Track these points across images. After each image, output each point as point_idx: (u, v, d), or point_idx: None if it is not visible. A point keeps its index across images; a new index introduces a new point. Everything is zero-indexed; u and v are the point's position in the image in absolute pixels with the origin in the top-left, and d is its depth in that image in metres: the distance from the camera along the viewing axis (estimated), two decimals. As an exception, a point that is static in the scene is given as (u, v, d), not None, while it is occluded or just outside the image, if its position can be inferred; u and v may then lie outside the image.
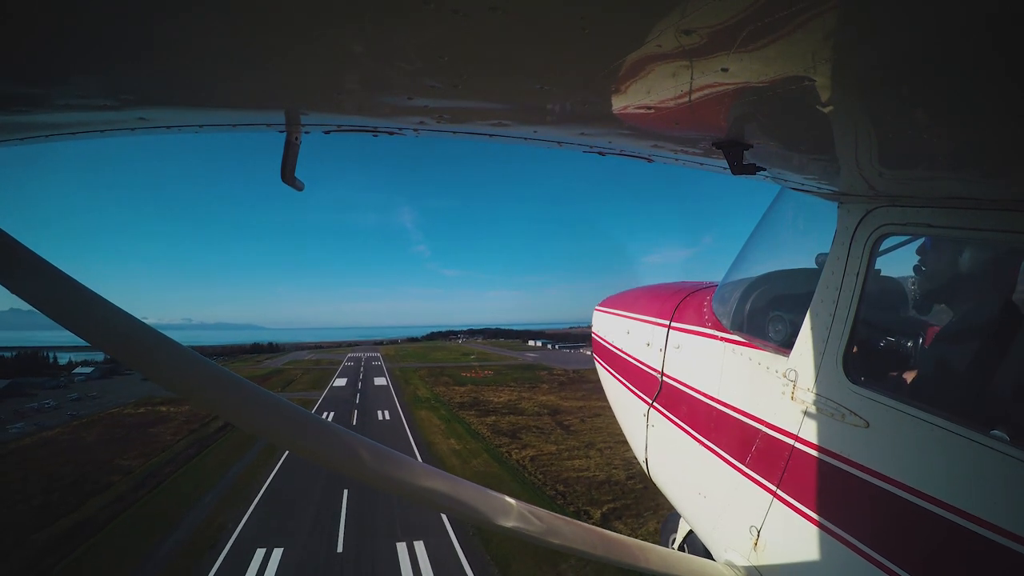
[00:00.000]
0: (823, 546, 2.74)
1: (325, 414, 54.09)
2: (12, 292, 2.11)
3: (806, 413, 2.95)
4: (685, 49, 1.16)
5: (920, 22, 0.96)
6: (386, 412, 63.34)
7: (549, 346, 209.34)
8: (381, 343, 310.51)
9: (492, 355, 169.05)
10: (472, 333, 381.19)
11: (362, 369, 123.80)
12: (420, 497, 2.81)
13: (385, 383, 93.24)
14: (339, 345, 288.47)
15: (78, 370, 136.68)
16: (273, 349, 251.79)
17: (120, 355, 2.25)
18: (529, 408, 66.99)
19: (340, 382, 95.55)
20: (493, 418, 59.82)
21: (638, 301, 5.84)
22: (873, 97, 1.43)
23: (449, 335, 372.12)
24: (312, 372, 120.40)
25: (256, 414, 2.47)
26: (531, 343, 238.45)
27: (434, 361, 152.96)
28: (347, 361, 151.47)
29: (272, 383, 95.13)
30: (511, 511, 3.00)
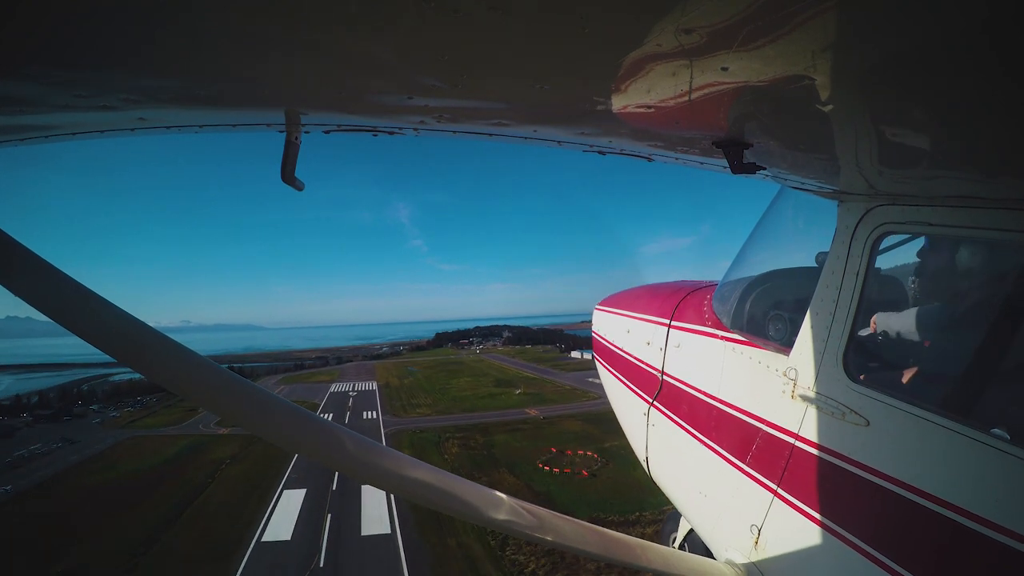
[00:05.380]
0: (824, 544, 2.74)
1: None
2: (12, 292, 2.11)
3: (807, 412, 2.95)
4: (685, 48, 1.16)
5: (919, 22, 0.96)
6: None
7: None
8: (380, 354, 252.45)
9: (544, 385, 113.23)
10: (485, 334, 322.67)
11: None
12: (409, 491, 2.80)
13: (385, 525, 46.00)
14: (326, 361, 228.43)
15: None
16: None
17: (120, 355, 2.25)
18: None
19: (287, 507, 52.01)
20: None
21: (638, 300, 5.85)
22: (873, 96, 1.43)
23: (460, 338, 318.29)
24: (249, 457, 69.90)
25: (253, 411, 2.48)
26: (575, 355, 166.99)
27: (461, 401, 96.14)
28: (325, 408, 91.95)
29: (167, 491, 58.00)
30: (515, 511, 3.01)
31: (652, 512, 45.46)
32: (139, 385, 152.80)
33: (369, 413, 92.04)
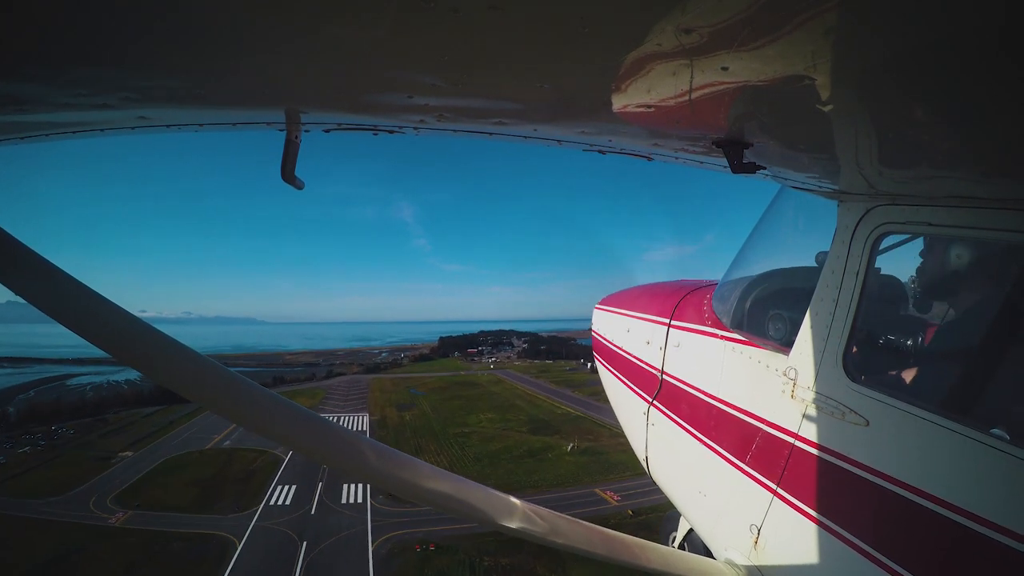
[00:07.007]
0: (823, 544, 2.74)
1: None
2: (12, 291, 2.12)
3: (806, 411, 2.95)
4: (685, 48, 1.16)
5: (919, 21, 0.96)
6: None
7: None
8: (378, 364, 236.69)
9: (598, 431, 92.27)
10: (495, 342, 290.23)
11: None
12: (425, 497, 2.83)
13: None
14: (314, 373, 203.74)
15: None
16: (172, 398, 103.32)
17: (119, 353, 2.25)
18: None
19: None
20: None
21: (638, 299, 5.85)
22: (873, 96, 1.43)
23: (467, 345, 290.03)
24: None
25: (257, 412, 2.47)
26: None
27: (492, 464, 75.50)
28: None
29: None
30: (516, 511, 3.03)
31: None
32: (64, 407, 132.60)
33: (349, 491, 52.08)
